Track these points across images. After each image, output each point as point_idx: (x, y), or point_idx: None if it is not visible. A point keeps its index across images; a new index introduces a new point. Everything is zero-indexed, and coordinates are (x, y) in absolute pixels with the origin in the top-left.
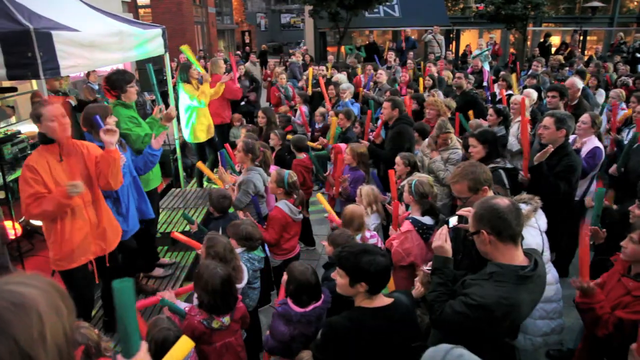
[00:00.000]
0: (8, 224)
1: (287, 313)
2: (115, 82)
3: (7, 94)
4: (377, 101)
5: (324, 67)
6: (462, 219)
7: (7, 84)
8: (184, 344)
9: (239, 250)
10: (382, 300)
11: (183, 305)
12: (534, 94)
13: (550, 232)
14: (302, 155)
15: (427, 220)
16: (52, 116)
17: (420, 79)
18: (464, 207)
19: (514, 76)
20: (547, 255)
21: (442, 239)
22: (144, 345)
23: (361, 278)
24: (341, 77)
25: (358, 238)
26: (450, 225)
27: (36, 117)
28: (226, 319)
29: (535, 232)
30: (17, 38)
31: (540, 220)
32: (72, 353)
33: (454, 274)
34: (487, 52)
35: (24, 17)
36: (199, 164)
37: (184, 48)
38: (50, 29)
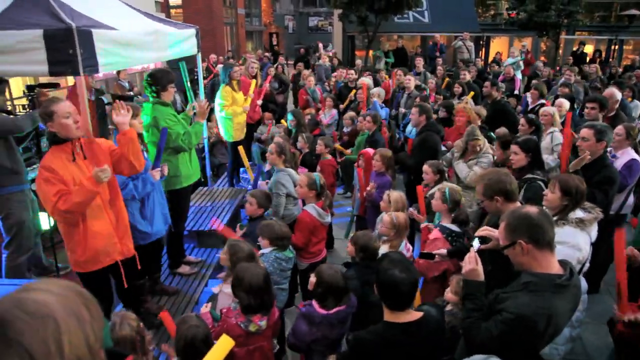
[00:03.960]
0: (43, 215)
1: (311, 314)
2: (160, 79)
3: (48, 89)
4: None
5: (352, 71)
6: (484, 241)
7: (44, 79)
8: (225, 343)
9: (268, 250)
10: (411, 315)
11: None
12: (566, 104)
13: None
14: (328, 157)
15: (453, 226)
16: (65, 113)
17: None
18: (490, 222)
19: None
20: (587, 266)
21: (472, 263)
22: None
23: (376, 284)
24: (368, 80)
25: (402, 246)
26: (475, 249)
27: (47, 116)
28: (263, 323)
29: (588, 239)
30: (60, 36)
31: (592, 231)
32: None
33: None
34: (520, 60)
35: (67, 16)
36: (240, 148)
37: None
38: (91, 27)
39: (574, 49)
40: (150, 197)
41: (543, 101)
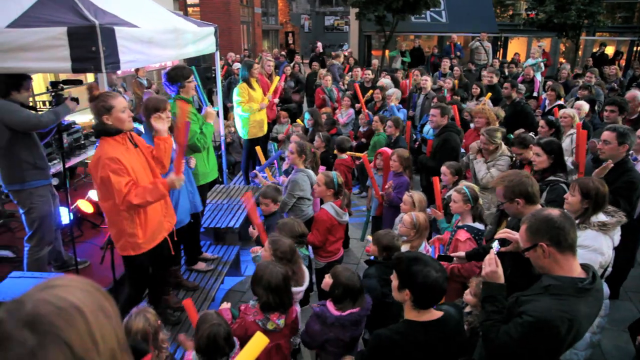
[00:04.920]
0: (63, 209)
1: (324, 314)
2: (174, 77)
3: (69, 86)
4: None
5: (369, 71)
6: (504, 243)
7: (64, 76)
8: (259, 341)
9: None
10: (432, 314)
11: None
12: (585, 107)
13: None
14: (344, 156)
15: (479, 225)
16: (122, 107)
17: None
18: (509, 224)
19: None
20: (609, 271)
21: (493, 265)
22: None
23: (407, 285)
24: (386, 81)
25: (422, 247)
26: (495, 250)
27: (106, 110)
28: (281, 321)
29: (611, 244)
30: (83, 33)
31: (615, 235)
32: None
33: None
34: (541, 62)
35: (90, 13)
36: (257, 149)
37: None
38: (113, 25)
39: (594, 50)
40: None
41: (561, 102)
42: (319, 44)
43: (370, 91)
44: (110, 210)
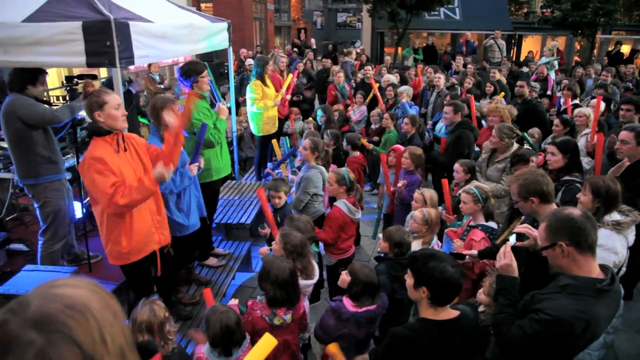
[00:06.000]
0: (77, 204)
1: (339, 310)
2: (188, 72)
3: (82, 81)
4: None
5: (369, 67)
6: (521, 237)
7: (77, 71)
8: (267, 342)
9: None
10: (449, 312)
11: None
12: (601, 105)
13: None
14: (356, 153)
15: (493, 224)
16: (116, 104)
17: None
18: (523, 223)
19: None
20: (623, 270)
21: (508, 258)
22: None
23: (424, 282)
24: (391, 77)
25: (434, 242)
26: (512, 244)
27: (98, 105)
28: (288, 317)
29: (625, 243)
30: (98, 27)
31: (630, 235)
32: (136, 359)
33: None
34: (555, 61)
35: (105, 8)
36: (274, 142)
37: None
38: (128, 20)
39: (610, 48)
40: (187, 191)
41: (577, 101)
42: (330, 46)
43: (377, 84)
44: (100, 215)
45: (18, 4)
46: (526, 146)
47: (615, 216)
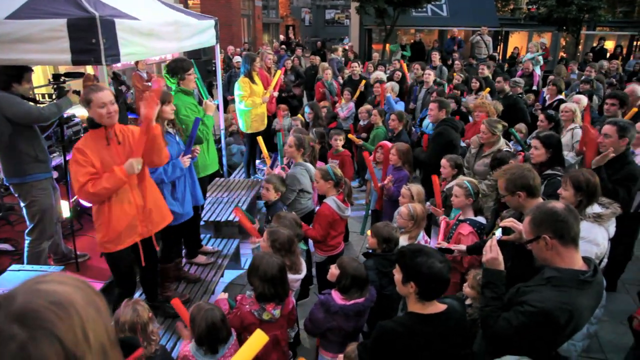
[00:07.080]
0: (64, 203)
1: (328, 303)
2: (174, 69)
3: (69, 79)
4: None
5: (355, 64)
6: (506, 231)
7: (62, 69)
8: (258, 338)
9: None
10: (436, 306)
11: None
12: (584, 100)
13: None
14: (340, 149)
15: (481, 219)
16: (101, 103)
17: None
18: (509, 217)
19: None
20: (604, 262)
21: (494, 252)
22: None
23: (412, 277)
24: (380, 74)
25: (420, 237)
26: (498, 238)
27: (86, 102)
28: (277, 312)
29: (606, 235)
30: (83, 25)
31: (611, 227)
32: (118, 355)
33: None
34: (539, 56)
35: (90, 5)
36: (259, 139)
37: None
38: (113, 17)
39: (594, 44)
40: (181, 180)
41: (562, 97)
42: (319, 42)
43: (364, 81)
44: (93, 206)
45: (2, 0)
46: (513, 141)
47: (596, 208)
